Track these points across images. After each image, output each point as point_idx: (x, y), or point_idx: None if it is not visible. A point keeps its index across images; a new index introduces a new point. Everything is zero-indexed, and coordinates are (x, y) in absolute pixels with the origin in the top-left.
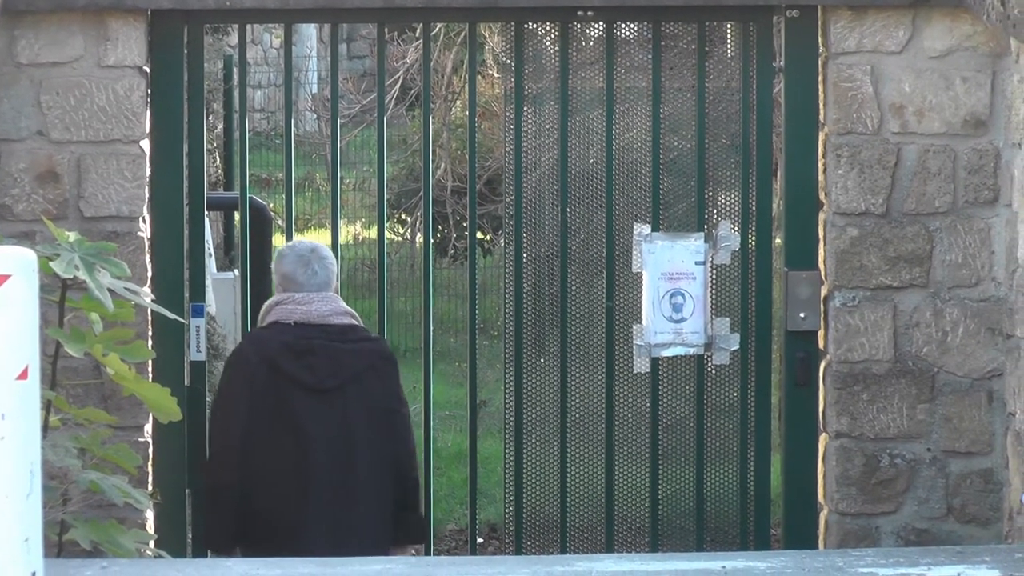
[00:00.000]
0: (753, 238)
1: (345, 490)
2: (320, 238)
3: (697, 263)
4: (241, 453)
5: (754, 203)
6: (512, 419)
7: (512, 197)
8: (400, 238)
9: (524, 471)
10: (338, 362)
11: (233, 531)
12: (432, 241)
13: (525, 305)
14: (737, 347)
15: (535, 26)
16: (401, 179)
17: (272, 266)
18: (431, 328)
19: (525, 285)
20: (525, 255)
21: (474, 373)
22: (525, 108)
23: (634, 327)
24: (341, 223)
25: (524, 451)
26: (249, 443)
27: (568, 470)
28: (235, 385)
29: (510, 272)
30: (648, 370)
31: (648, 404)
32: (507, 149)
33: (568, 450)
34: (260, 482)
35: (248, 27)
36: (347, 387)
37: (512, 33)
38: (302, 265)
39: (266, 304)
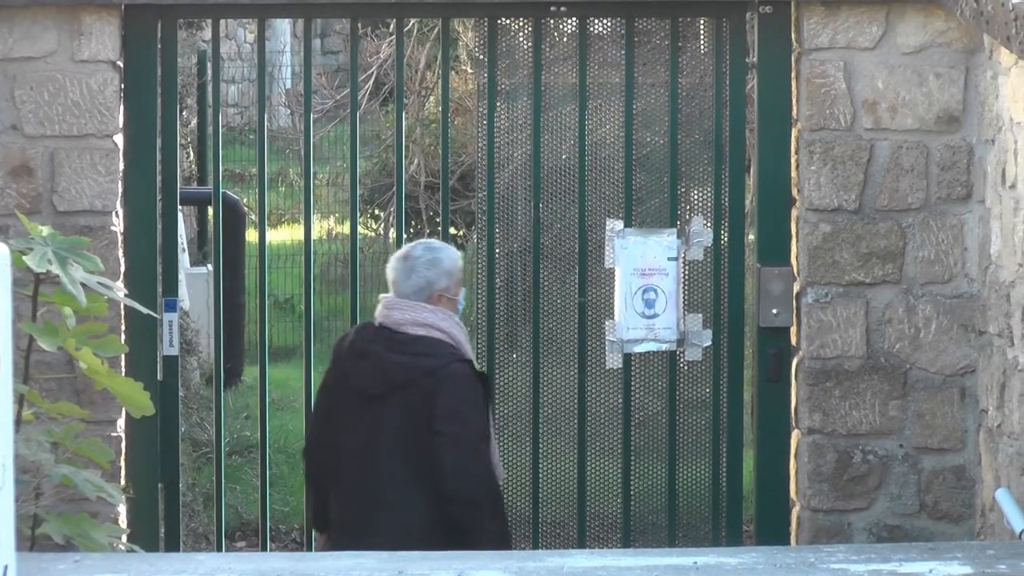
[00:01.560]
0: (726, 234)
1: (367, 497)
2: (293, 233)
3: (669, 259)
4: (317, 439)
5: (727, 199)
6: None
7: (485, 193)
8: (373, 233)
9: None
10: (383, 371)
11: (315, 514)
12: (405, 236)
13: (498, 301)
14: (709, 343)
15: (508, 21)
16: (374, 174)
17: None
18: None
19: (498, 281)
20: (498, 251)
21: None
22: (498, 104)
23: (606, 323)
24: (314, 218)
25: (497, 446)
26: (321, 431)
27: (540, 465)
28: (325, 373)
29: (483, 268)
30: (620, 366)
31: (620, 400)
32: (480, 145)
33: (540, 446)
34: (328, 472)
35: (222, 22)
36: (389, 397)
37: (485, 28)
38: (394, 271)
39: None
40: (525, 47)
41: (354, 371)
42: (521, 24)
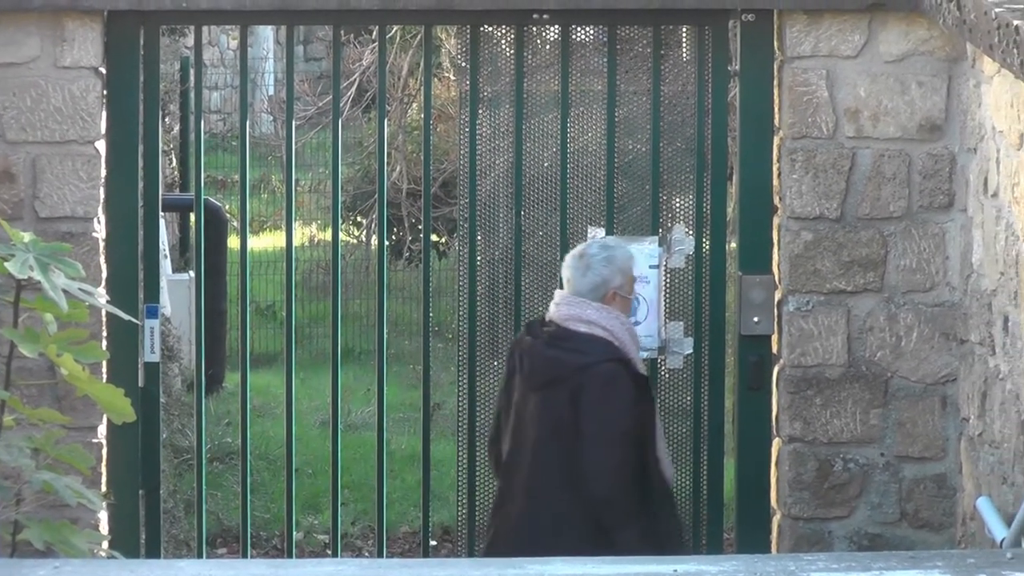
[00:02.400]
0: (707, 242)
1: (521, 490)
2: (275, 240)
3: (651, 267)
4: (496, 430)
5: (708, 207)
6: (465, 422)
7: (467, 200)
8: (355, 240)
9: (477, 474)
10: (540, 366)
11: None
12: (387, 243)
13: (479, 308)
14: (690, 351)
15: (491, 29)
16: (356, 181)
17: None
18: (385, 330)
19: (479, 288)
20: (480, 258)
21: (428, 376)
22: (480, 111)
23: None
24: (296, 225)
25: (477, 454)
26: (495, 427)
27: None
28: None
29: (464, 275)
30: None
31: None
32: (462, 152)
33: None
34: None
35: (204, 28)
36: (544, 392)
37: (468, 36)
38: (570, 268)
39: None
40: (508, 54)
41: (520, 365)
42: (504, 31)
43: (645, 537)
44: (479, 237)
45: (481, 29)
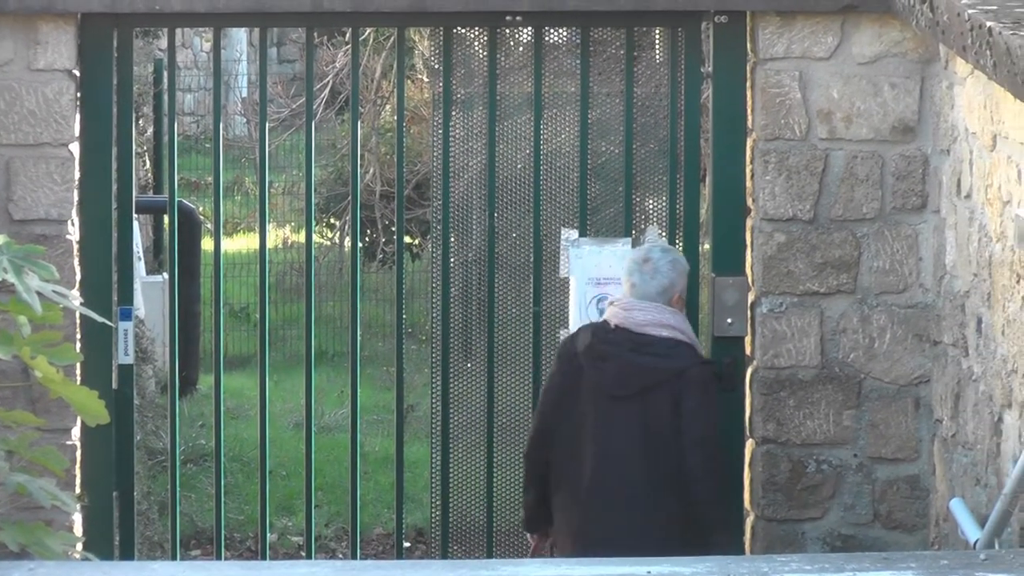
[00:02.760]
0: (680, 243)
1: (616, 497)
2: (249, 242)
3: None
4: (545, 439)
5: (681, 208)
6: (439, 424)
7: (440, 202)
8: (329, 242)
9: (451, 476)
10: (631, 373)
11: (534, 514)
12: (360, 245)
13: (453, 310)
14: None
15: (464, 31)
16: (330, 183)
17: None
18: (358, 332)
19: (453, 290)
20: (453, 260)
21: (401, 377)
22: (454, 112)
23: (561, 332)
24: (270, 227)
25: (451, 456)
26: (550, 432)
27: (494, 475)
28: (552, 373)
29: (438, 277)
30: None
31: None
32: (435, 154)
33: (495, 455)
34: (554, 472)
35: (178, 31)
36: (636, 399)
37: (441, 37)
38: (634, 273)
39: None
40: (481, 56)
41: (595, 373)
42: (477, 33)
43: (733, 537)
44: (452, 239)
45: (454, 31)
